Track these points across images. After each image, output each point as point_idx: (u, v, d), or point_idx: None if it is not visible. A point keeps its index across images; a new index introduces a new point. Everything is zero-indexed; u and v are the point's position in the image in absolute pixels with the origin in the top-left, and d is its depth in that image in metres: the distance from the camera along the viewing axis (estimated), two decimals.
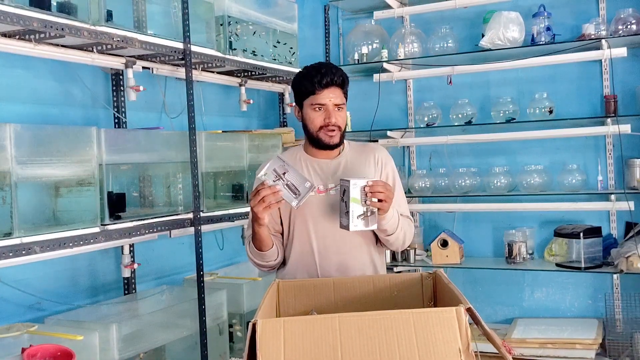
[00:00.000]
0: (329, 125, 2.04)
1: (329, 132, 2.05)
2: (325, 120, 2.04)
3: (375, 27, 4.19)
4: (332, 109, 2.04)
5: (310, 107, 2.05)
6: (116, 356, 2.45)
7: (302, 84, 2.06)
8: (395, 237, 2.06)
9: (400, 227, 2.05)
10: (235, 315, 3.24)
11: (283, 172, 1.88)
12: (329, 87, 2.03)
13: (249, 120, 4.07)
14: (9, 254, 2.08)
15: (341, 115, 2.07)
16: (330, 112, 2.03)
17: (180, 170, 2.96)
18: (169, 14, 2.96)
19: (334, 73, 2.04)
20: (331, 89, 2.03)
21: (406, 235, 2.11)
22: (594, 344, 3.42)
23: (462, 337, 1.36)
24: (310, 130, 2.08)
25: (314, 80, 2.02)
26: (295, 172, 1.89)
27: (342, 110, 2.07)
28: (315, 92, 2.03)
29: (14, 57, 2.53)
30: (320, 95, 2.03)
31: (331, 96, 2.03)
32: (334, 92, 2.04)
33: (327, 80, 2.01)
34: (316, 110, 2.05)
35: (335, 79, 2.03)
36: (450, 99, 4.01)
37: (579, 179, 3.66)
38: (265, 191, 1.87)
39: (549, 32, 3.66)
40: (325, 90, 2.02)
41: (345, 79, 2.08)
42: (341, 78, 2.05)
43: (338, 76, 2.04)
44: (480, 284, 4.07)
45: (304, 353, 1.37)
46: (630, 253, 3.37)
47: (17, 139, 2.12)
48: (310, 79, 2.03)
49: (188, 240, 3.11)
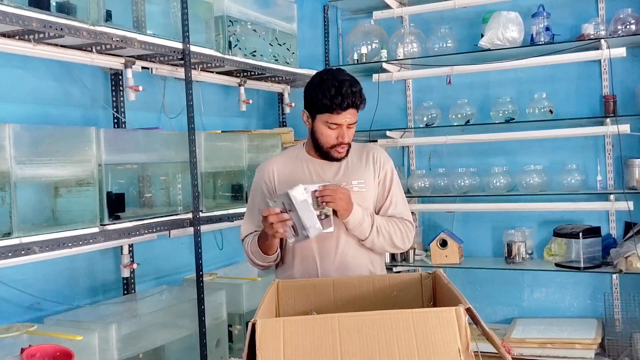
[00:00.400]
0: (342, 144, 2.04)
1: (339, 150, 2.05)
2: (338, 140, 2.03)
3: (375, 27, 4.19)
4: (347, 129, 2.03)
5: (324, 123, 2.02)
6: (115, 356, 2.45)
7: (319, 99, 1.99)
8: (370, 241, 2.06)
9: (375, 231, 2.04)
10: (235, 315, 3.24)
11: (289, 209, 1.89)
12: (347, 110, 1.98)
13: (249, 120, 4.07)
14: (8, 254, 2.08)
15: (352, 132, 2.07)
16: (344, 133, 2.02)
17: (180, 170, 2.95)
18: (168, 14, 2.96)
19: (355, 94, 1.98)
20: (350, 111, 1.99)
21: (393, 238, 2.08)
22: (593, 343, 3.42)
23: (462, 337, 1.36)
24: (321, 144, 2.07)
25: (334, 101, 1.96)
26: (299, 215, 1.87)
27: (353, 126, 2.06)
28: (333, 112, 1.98)
29: (13, 57, 2.53)
30: (338, 116, 1.99)
31: (348, 117, 2.00)
32: (351, 113, 2.00)
33: (348, 102, 1.97)
34: (330, 128, 2.02)
35: (356, 101, 1.99)
36: (450, 99, 4.01)
37: (578, 179, 3.66)
38: (273, 218, 1.88)
39: (548, 32, 3.66)
40: (344, 112, 1.99)
41: (364, 101, 2.03)
42: (359, 101, 2.00)
43: (359, 99, 2.00)
44: (479, 284, 4.07)
45: (303, 353, 1.37)
46: (630, 253, 3.37)
47: (17, 139, 2.12)
48: (330, 97, 1.96)
49: (187, 240, 3.11)
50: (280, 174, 2.13)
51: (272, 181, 2.13)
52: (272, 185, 2.13)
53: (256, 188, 2.18)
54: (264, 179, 2.15)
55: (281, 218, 1.88)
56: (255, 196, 2.17)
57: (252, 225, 2.17)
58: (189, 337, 2.90)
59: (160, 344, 2.75)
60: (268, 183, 2.14)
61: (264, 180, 2.15)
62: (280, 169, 2.14)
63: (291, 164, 2.14)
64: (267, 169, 2.15)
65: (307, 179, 2.08)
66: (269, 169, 2.15)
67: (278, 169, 2.14)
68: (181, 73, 3.00)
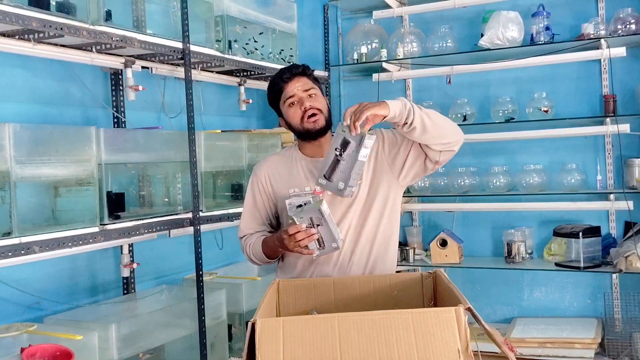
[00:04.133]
0: (307, 110, 2.05)
1: (310, 118, 2.05)
2: (302, 108, 2.05)
3: (375, 27, 4.19)
4: (304, 95, 2.07)
5: (285, 105, 2.09)
6: (115, 356, 2.45)
7: (271, 89, 2.14)
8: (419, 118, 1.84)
9: (420, 110, 1.86)
10: (235, 314, 3.24)
11: (317, 224, 1.90)
12: (292, 79, 2.08)
13: (248, 119, 4.07)
14: (8, 253, 2.08)
15: (317, 100, 2.08)
16: (303, 99, 2.07)
17: (180, 170, 2.96)
18: (168, 13, 2.96)
19: (292, 67, 2.12)
20: (295, 80, 2.08)
21: (444, 121, 1.93)
22: (593, 343, 3.42)
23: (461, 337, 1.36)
24: (294, 126, 2.09)
25: (276, 80, 2.11)
26: (328, 227, 1.90)
27: (316, 95, 2.09)
28: (282, 88, 2.09)
29: (13, 57, 2.53)
30: (287, 88, 2.08)
31: (297, 85, 2.08)
32: (299, 80, 2.09)
33: (288, 73, 2.09)
34: (291, 105, 2.08)
35: (294, 70, 2.10)
36: (450, 99, 4.01)
37: (578, 178, 3.66)
38: (301, 235, 1.89)
39: (548, 32, 3.66)
40: (290, 82, 2.07)
41: (307, 68, 2.13)
42: (301, 68, 2.11)
43: (296, 67, 2.11)
44: (479, 283, 4.07)
45: (303, 353, 1.37)
46: (630, 252, 3.37)
47: (16, 138, 2.12)
48: (274, 81, 2.12)
49: (187, 239, 3.11)
50: (274, 175, 2.15)
51: (268, 183, 2.16)
52: (268, 186, 2.16)
53: (253, 187, 2.20)
54: (260, 181, 2.18)
55: (309, 233, 1.89)
56: (252, 195, 2.19)
57: (252, 224, 2.18)
58: (188, 337, 2.91)
59: (160, 343, 2.76)
60: (264, 183, 2.17)
61: (259, 181, 2.18)
62: (273, 171, 2.16)
63: (285, 164, 2.16)
64: (260, 172, 2.19)
65: (301, 178, 2.09)
66: (263, 171, 2.18)
67: (272, 171, 2.16)
68: (181, 73, 3.00)
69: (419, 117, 1.86)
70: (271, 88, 2.14)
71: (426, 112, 1.90)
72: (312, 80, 2.12)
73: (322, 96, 2.13)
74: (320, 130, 2.07)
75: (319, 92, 2.12)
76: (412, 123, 1.86)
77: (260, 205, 2.18)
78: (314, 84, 2.12)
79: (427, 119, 1.88)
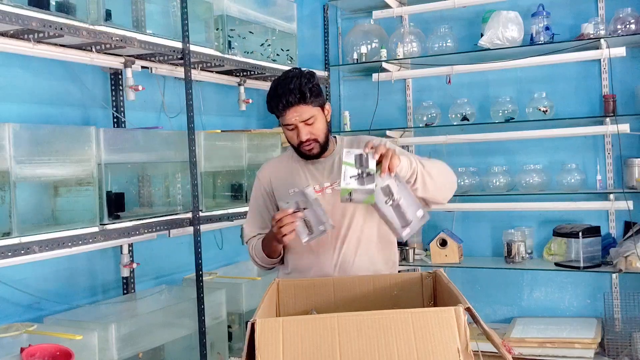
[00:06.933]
0: (303, 143, 2.02)
1: (305, 147, 2.04)
2: (297, 139, 2.02)
3: (374, 27, 4.19)
4: (302, 126, 1.99)
5: (283, 127, 2.06)
6: (115, 356, 2.45)
7: (269, 107, 2.04)
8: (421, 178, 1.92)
9: (418, 164, 1.93)
10: (235, 314, 3.24)
11: (304, 207, 1.89)
12: (289, 108, 1.96)
13: (248, 119, 4.07)
14: (8, 253, 2.08)
15: (315, 127, 2.01)
16: (300, 131, 2.00)
17: (179, 170, 2.96)
18: (167, 13, 2.96)
19: (289, 93, 1.94)
20: (292, 109, 1.96)
21: (442, 171, 2.01)
22: (593, 343, 3.42)
23: (461, 337, 1.36)
24: (291, 145, 2.09)
25: (273, 105, 1.99)
26: (315, 211, 1.89)
27: (314, 122, 2.00)
28: (279, 115, 2.01)
29: (13, 57, 2.53)
30: (284, 117, 1.99)
31: (295, 115, 1.97)
32: (296, 110, 1.96)
33: (283, 103, 1.95)
34: (288, 130, 2.04)
35: (291, 99, 1.94)
36: (449, 99, 4.02)
37: (578, 178, 3.67)
38: (288, 218, 1.87)
39: (548, 32, 3.67)
40: (287, 111, 1.97)
41: (305, 93, 1.95)
42: (297, 96, 1.94)
43: (294, 95, 1.94)
44: (479, 283, 4.07)
45: (302, 353, 1.37)
46: (629, 252, 3.37)
47: (16, 138, 2.11)
48: (270, 103, 2.01)
49: (187, 239, 3.11)
50: (275, 177, 2.16)
51: (270, 185, 2.17)
52: (270, 189, 2.17)
53: (256, 191, 2.22)
54: (262, 184, 2.19)
55: (295, 216, 1.87)
56: (256, 199, 2.21)
57: (255, 227, 2.20)
58: (188, 337, 2.91)
59: (160, 343, 2.76)
60: (266, 187, 2.18)
61: (262, 184, 2.19)
62: (275, 174, 2.17)
63: (286, 167, 2.17)
64: (263, 175, 2.20)
65: (302, 180, 2.09)
66: (265, 174, 2.20)
67: (274, 174, 2.17)
68: (181, 72, 3.00)
69: (420, 179, 1.93)
70: (268, 107, 2.04)
71: (428, 172, 1.94)
72: (312, 103, 1.99)
73: (321, 119, 2.03)
74: (315, 156, 2.08)
75: (318, 117, 2.01)
76: (414, 183, 1.93)
77: (262, 208, 2.18)
78: (313, 106, 2.00)
79: (429, 180, 1.94)
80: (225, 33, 3.21)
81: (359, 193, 1.77)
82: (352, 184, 1.76)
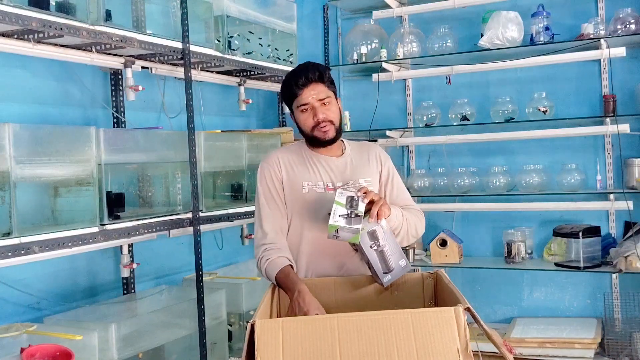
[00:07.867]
0: (319, 122, 2.02)
1: (321, 128, 2.03)
2: (314, 119, 2.03)
3: (374, 27, 4.19)
4: (318, 105, 2.02)
5: (298, 110, 2.05)
6: (115, 356, 2.45)
7: (285, 90, 2.08)
8: (402, 235, 2.04)
9: (405, 222, 2.04)
10: (235, 315, 3.24)
11: (380, 244, 1.91)
12: (307, 86, 2.01)
13: (248, 120, 4.07)
14: (8, 253, 2.08)
15: (330, 109, 2.04)
16: (316, 110, 2.02)
17: (179, 170, 2.95)
18: (167, 13, 2.96)
19: (309, 70, 2.03)
20: (311, 87, 2.02)
21: (417, 227, 2.10)
22: (593, 343, 3.42)
23: (461, 337, 1.36)
24: (304, 131, 2.08)
25: (291, 83, 2.03)
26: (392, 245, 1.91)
27: (330, 104, 2.04)
28: (297, 94, 2.03)
29: (13, 57, 2.53)
30: (301, 95, 2.02)
31: (312, 93, 2.02)
32: (314, 88, 2.02)
33: (303, 79, 2.01)
34: (303, 111, 2.04)
35: (311, 75, 2.01)
36: (449, 99, 4.01)
37: (578, 178, 3.66)
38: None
39: (547, 32, 3.66)
40: (305, 89, 2.01)
41: (324, 72, 2.04)
42: (317, 73, 2.02)
43: (313, 72, 2.02)
44: (479, 283, 4.07)
45: (302, 353, 1.37)
46: (629, 252, 3.37)
47: (16, 138, 2.12)
48: (289, 83, 2.04)
49: (187, 240, 3.12)
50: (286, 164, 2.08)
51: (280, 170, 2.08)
52: (281, 173, 2.07)
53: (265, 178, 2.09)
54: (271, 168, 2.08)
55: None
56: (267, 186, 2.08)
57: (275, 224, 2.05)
58: (188, 337, 2.90)
59: (160, 343, 2.76)
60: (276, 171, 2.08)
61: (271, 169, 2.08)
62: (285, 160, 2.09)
63: (298, 158, 2.10)
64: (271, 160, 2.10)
65: (316, 175, 2.06)
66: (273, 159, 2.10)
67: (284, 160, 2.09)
68: (181, 73, 3.00)
69: (404, 230, 2.05)
70: (285, 89, 2.08)
71: (409, 225, 2.06)
72: (328, 85, 2.05)
73: (336, 102, 2.08)
74: (329, 140, 2.06)
75: (333, 99, 2.06)
76: (398, 234, 2.03)
77: (275, 195, 2.07)
78: (329, 89, 2.05)
79: (411, 231, 2.07)
80: (225, 33, 3.21)
81: (346, 231, 1.84)
82: (340, 222, 1.84)
